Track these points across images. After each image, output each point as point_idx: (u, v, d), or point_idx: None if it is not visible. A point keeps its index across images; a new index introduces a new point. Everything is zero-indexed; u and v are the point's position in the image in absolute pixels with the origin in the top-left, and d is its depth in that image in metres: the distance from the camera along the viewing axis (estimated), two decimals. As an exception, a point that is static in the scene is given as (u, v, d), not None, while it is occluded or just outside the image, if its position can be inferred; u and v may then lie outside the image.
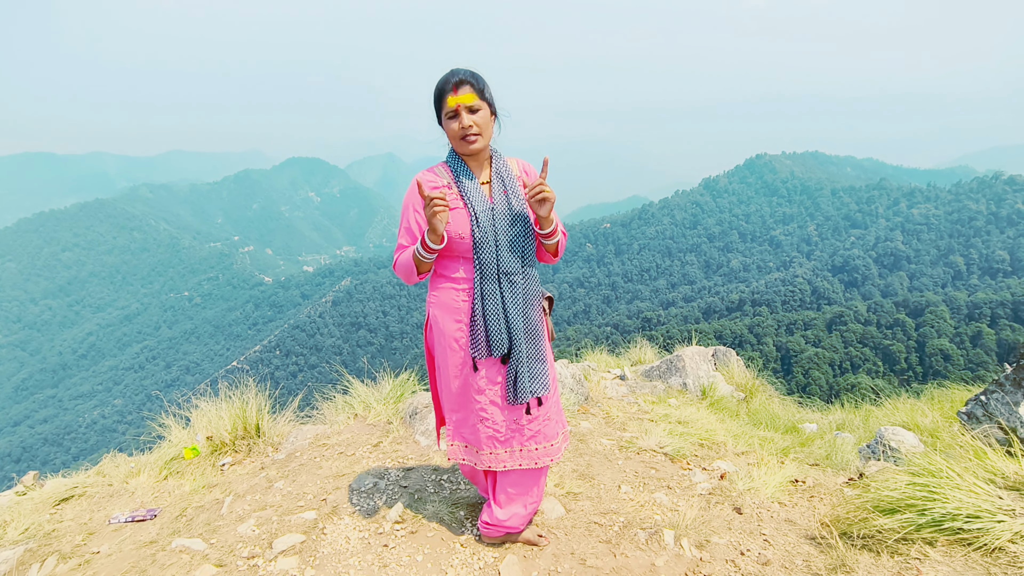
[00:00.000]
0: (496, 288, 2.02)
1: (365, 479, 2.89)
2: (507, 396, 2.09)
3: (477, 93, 1.91)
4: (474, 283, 2.03)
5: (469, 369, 2.10)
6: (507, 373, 2.08)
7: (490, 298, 2.02)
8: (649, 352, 6.34)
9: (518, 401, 2.08)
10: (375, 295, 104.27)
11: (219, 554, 2.36)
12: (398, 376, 4.16)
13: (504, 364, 2.08)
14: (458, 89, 1.88)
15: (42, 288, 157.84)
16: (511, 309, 2.04)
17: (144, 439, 3.74)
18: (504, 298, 2.03)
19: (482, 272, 2.01)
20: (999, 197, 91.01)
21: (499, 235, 2.01)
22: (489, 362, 2.09)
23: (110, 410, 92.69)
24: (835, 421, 4.89)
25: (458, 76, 1.89)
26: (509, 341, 2.04)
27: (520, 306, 2.06)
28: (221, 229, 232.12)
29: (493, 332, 2.02)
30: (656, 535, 2.31)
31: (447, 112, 1.92)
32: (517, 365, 2.06)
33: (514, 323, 2.04)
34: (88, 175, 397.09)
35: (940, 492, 1.98)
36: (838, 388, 37.55)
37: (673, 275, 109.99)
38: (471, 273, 2.05)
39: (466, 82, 1.89)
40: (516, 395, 2.08)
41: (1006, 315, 49.11)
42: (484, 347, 2.04)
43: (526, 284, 2.08)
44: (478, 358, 2.06)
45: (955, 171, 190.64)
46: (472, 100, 1.90)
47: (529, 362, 2.09)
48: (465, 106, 1.90)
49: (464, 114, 1.91)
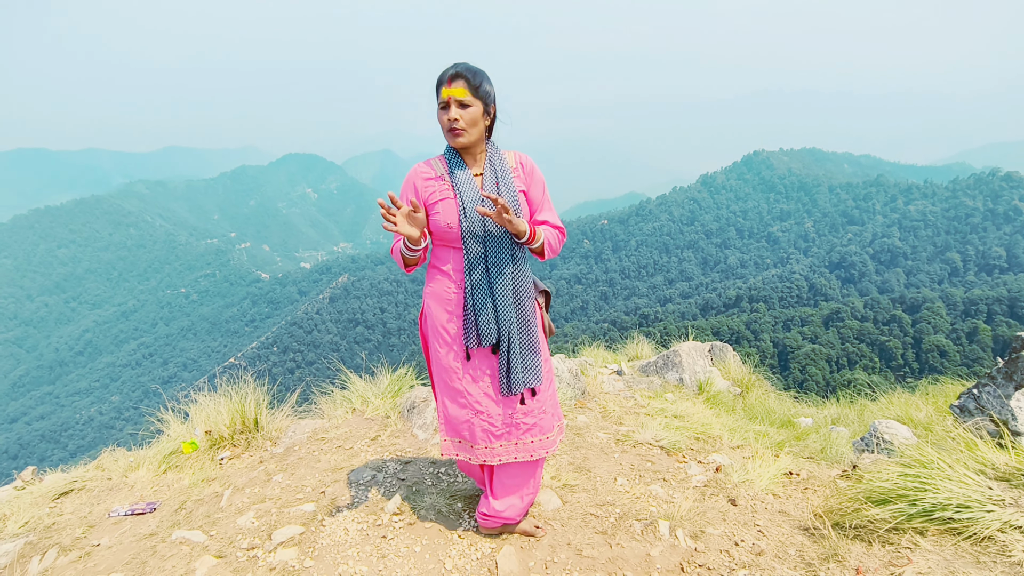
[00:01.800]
0: (484, 278, 2.04)
1: (363, 472, 2.91)
2: (500, 387, 2.11)
3: (471, 89, 1.92)
4: (464, 272, 2.06)
5: (461, 360, 2.12)
6: (499, 363, 2.10)
7: (478, 288, 2.04)
8: (646, 348, 6.36)
9: (512, 391, 2.10)
10: (372, 291, 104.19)
11: (219, 545, 2.38)
12: (396, 371, 4.18)
13: (494, 355, 2.10)
14: (452, 82, 1.91)
15: (38, 285, 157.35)
16: (500, 299, 2.05)
17: (143, 434, 3.75)
18: (493, 287, 2.05)
19: (470, 261, 2.04)
20: (996, 194, 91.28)
21: (488, 225, 2.03)
22: (481, 353, 2.11)
23: (107, 407, 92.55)
24: (830, 416, 4.93)
25: (455, 69, 1.92)
26: (498, 331, 2.06)
27: (510, 296, 2.07)
28: (218, 226, 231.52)
29: (482, 321, 2.04)
30: (651, 526, 2.34)
31: (439, 103, 1.95)
32: (510, 355, 2.08)
33: (504, 313, 2.06)
34: (83, 171, 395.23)
35: (931, 483, 2.01)
36: (835, 384, 37.66)
37: (670, 271, 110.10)
38: (461, 263, 2.07)
39: (461, 76, 1.91)
40: (510, 385, 2.09)
41: (1002, 311, 49.34)
42: (474, 337, 2.06)
43: (516, 274, 2.09)
44: (470, 347, 2.09)
45: (952, 167, 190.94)
46: (463, 95, 1.91)
47: (522, 352, 2.11)
48: (456, 99, 1.92)
49: (453, 107, 1.93)
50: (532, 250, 2.11)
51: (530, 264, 2.21)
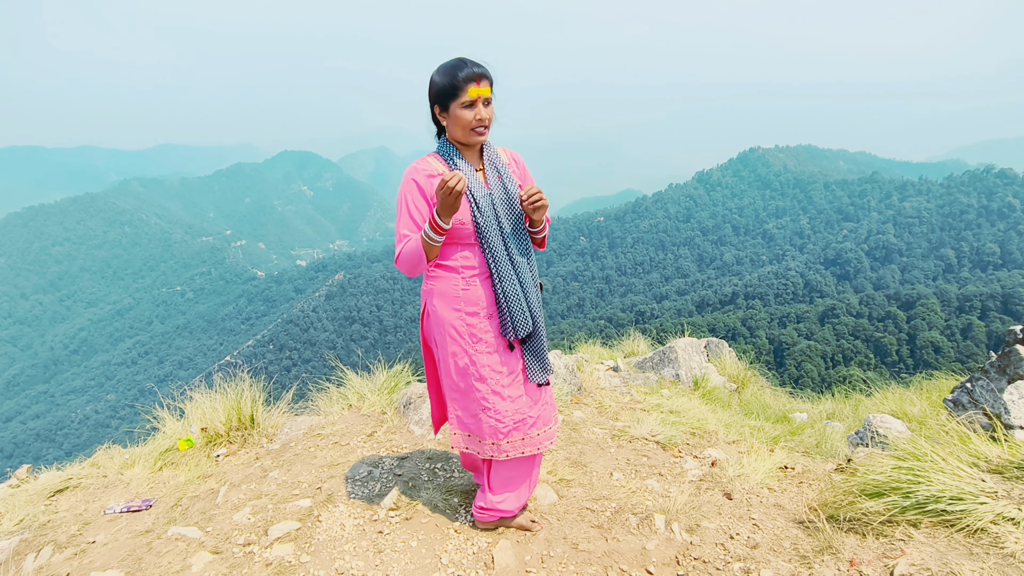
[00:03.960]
0: (511, 270, 2.08)
1: (360, 468, 2.91)
2: (528, 376, 2.17)
3: (491, 87, 1.98)
4: (488, 268, 2.08)
5: (468, 358, 2.12)
6: (526, 354, 2.16)
7: (508, 280, 2.07)
8: (642, 344, 6.37)
9: (544, 379, 2.18)
10: (369, 289, 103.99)
11: (215, 541, 2.38)
12: (392, 367, 4.18)
13: (511, 351, 2.14)
14: (480, 82, 1.94)
15: (32, 283, 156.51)
16: (529, 289, 2.11)
17: (138, 431, 3.74)
18: (521, 280, 2.10)
19: (494, 257, 2.06)
20: (990, 190, 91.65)
21: (502, 220, 2.07)
22: (496, 350, 2.12)
23: (103, 405, 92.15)
24: (825, 411, 4.95)
25: (480, 68, 1.94)
26: (532, 320, 2.12)
27: (533, 287, 2.14)
28: (213, 223, 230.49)
29: (517, 314, 2.07)
30: (647, 520, 2.35)
31: (464, 102, 1.94)
32: (540, 344, 2.16)
33: (533, 303, 2.12)
34: (77, 169, 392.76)
35: (925, 475, 2.02)
36: (830, 380, 37.78)
37: (666, 268, 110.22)
38: (468, 260, 2.08)
39: (486, 76, 1.95)
40: (543, 372, 2.17)
41: (996, 308, 49.55)
42: (511, 329, 2.09)
43: (531, 267, 2.15)
44: (510, 339, 2.13)
45: (947, 164, 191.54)
46: (489, 93, 1.97)
47: (545, 341, 2.20)
48: (484, 98, 1.96)
49: (481, 106, 1.96)
50: (535, 240, 2.20)
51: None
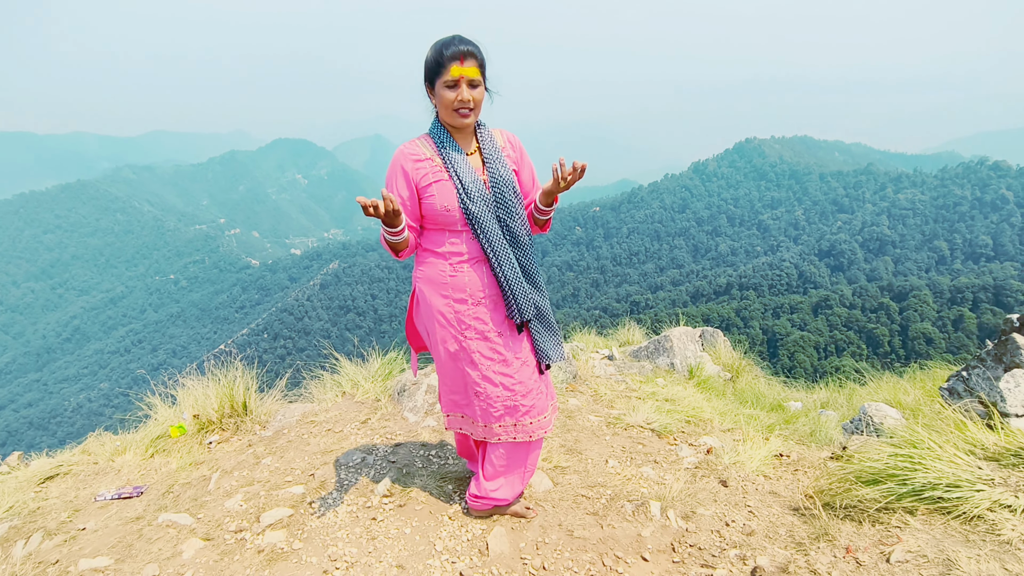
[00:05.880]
0: (509, 254, 2.03)
1: (353, 455, 2.89)
2: (538, 358, 2.17)
3: (480, 68, 1.88)
4: (484, 254, 2.03)
5: (459, 344, 2.09)
6: (534, 335, 2.15)
7: (507, 264, 2.03)
8: (637, 333, 6.36)
9: (560, 358, 2.17)
10: (363, 278, 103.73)
11: (206, 528, 2.36)
12: (386, 355, 4.15)
13: (511, 336, 2.12)
14: (464, 60, 1.83)
15: (24, 271, 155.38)
16: (531, 272, 2.09)
17: (130, 419, 3.71)
18: (521, 262, 2.07)
19: (489, 242, 2.01)
20: (984, 183, 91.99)
21: (499, 206, 2.02)
22: (485, 337, 2.08)
23: (96, 394, 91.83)
24: (820, 400, 4.96)
25: (467, 46, 1.83)
26: (535, 305, 2.10)
27: (537, 269, 2.12)
28: (207, 211, 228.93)
29: (520, 297, 2.04)
30: (643, 507, 2.34)
31: (447, 80, 1.86)
32: (549, 325, 2.16)
33: (538, 285, 2.11)
34: (69, 155, 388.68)
35: (921, 463, 2.01)
36: (823, 371, 38.05)
37: (662, 259, 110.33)
38: (456, 246, 2.03)
39: (473, 55, 1.85)
40: (555, 350, 2.17)
41: (987, 299, 49.90)
42: (516, 311, 2.06)
43: (531, 249, 2.11)
44: (515, 321, 2.09)
45: (941, 156, 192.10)
46: (475, 75, 1.86)
47: (554, 322, 2.19)
48: (467, 79, 1.86)
49: (464, 87, 1.87)
50: (538, 221, 2.16)
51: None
